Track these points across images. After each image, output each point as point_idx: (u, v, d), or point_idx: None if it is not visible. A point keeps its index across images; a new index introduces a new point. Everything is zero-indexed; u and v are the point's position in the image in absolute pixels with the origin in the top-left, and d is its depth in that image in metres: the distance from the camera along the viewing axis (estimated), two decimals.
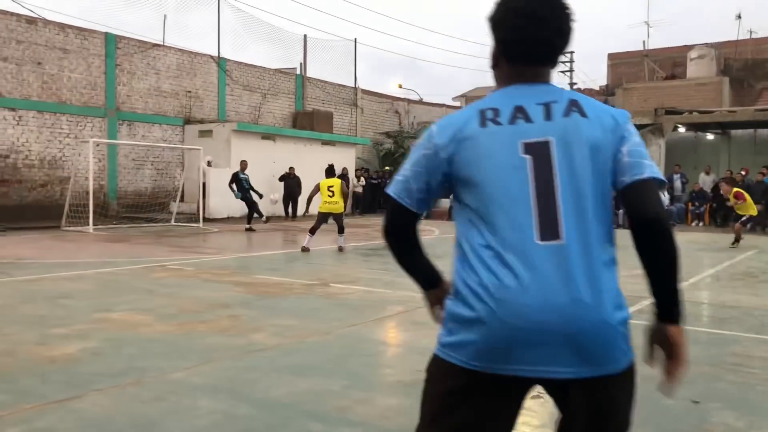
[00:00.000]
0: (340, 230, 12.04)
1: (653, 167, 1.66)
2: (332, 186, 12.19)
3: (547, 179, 1.62)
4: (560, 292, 1.53)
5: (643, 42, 31.53)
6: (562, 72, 37.88)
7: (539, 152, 1.63)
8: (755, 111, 21.81)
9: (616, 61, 32.75)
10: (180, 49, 21.41)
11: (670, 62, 29.24)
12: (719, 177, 20.58)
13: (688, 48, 26.88)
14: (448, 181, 1.73)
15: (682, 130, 23.28)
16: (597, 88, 35.48)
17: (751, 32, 27.99)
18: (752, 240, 15.08)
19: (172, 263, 9.77)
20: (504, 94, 1.75)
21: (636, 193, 1.62)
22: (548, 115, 1.67)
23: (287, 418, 3.56)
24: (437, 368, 1.66)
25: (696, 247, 13.59)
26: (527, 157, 1.63)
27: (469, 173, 1.67)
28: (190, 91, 21.54)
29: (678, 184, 21.53)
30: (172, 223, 17.69)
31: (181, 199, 19.26)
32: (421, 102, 32.57)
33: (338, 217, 12.19)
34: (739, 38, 27.28)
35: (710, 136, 24.13)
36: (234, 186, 16.21)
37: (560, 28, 1.72)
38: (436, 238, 15.33)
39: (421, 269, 1.88)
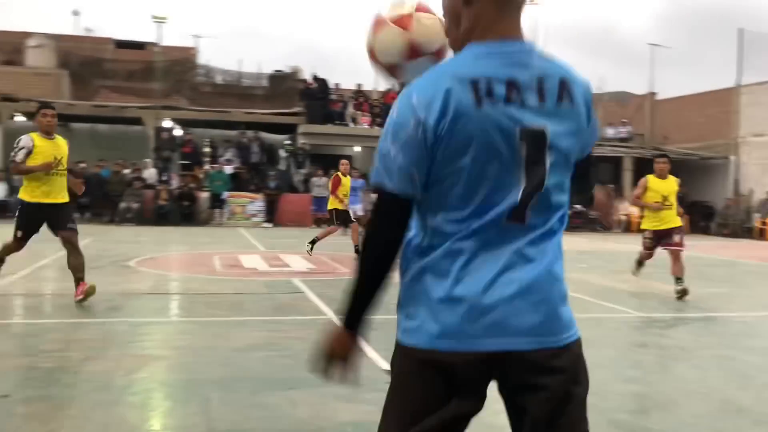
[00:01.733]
0: None
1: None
2: None
3: (535, 169, 1.49)
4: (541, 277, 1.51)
5: None
6: None
7: (533, 140, 1.48)
8: (93, 106, 22.90)
9: None
10: None
11: (9, 47, 27.86)
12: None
13: (27, 35, 26.18)
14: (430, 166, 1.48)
15: (21, 118, 22.56)
16: None
17: (88, 30, 29.20)
18: (88, 229, 15.80)
19: None
20: (491, 56, 1.49)
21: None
22: (542, 97, 1.50)
23: None
24: None
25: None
26: (522, 143, 1.47)
27: (456, 154, 1.45)
28: None
29: None
30: None
31: None
32: None
33: None
34: (78, 34, 28.10)
35: None
36: None
37: None
38: None
39: (376, 297, 1.55)
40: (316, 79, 24.36)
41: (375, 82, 27.74)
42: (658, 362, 5.04)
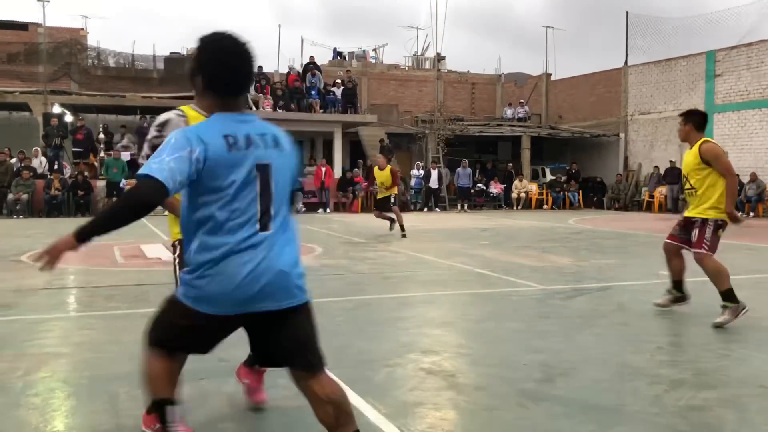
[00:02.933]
0: None
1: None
2: None
3: (266, 189, 2.44)
4: (273, 262, 2.42)
5: None
6: None
7: (263, 171, 2.44)
8: None
9: None
10: None
11: None
12: None
13: None
14: (193, 180, 2.35)
15: None
16: None
17: None
18: None
19: None
20: (231, 121, 2.46)
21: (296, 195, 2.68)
22: (266, 145, 2.47)
23: None
24: None
25: None
26: (257, 173, 2.42)
27: (217, 182, 2.37)
28: None
29: None
30: None
31: None
32: None
33: None
34: None
35: None
36: None
37: (252, 65, 2.51)
38: None
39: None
40: None
41: (276, 64, 27.33)
42: (560, 332, 5.27)
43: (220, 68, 2.45)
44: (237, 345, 4.76)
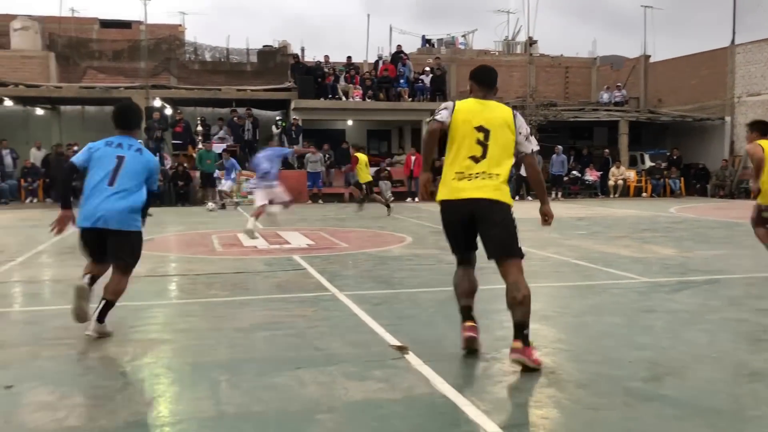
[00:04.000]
0: None
1: None
2: None
3: (119, 168, 4.69)
4: (114, 205, 4.66)
5: None
6: None
7: (120, 159, 4.72)
8: (80, 88, 22.59)
9: None
10: None
11: None
12: (51, 152, 20.80)
13: (11, 18, 25.66)
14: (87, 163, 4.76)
15: (9, 103, 22.38)
16: None
17: (73, 11, 28.64)
18: None
19: None
20: (117, 137, 4.86)
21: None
22: (129, 149, 4.80)
23: None
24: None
25: (29, 224, 13.36)
26: (116, 159, 4.71)
27: (93, 162, 4.72)
28: None
29: (8, 160, 20.64)
30: None
31: None
32: None
33: None
34: (62, 15, 27.58)
35: (40, 111, 23.88)
36: None
37: (129, 117, 5.10)
38: None
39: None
40: (307, 70, 23.79)
41: (365, 54, 27.38)
42: (667, 327, 4.99)
43: (114, 117, 5.01)
44: (329, 336, 4.80)
